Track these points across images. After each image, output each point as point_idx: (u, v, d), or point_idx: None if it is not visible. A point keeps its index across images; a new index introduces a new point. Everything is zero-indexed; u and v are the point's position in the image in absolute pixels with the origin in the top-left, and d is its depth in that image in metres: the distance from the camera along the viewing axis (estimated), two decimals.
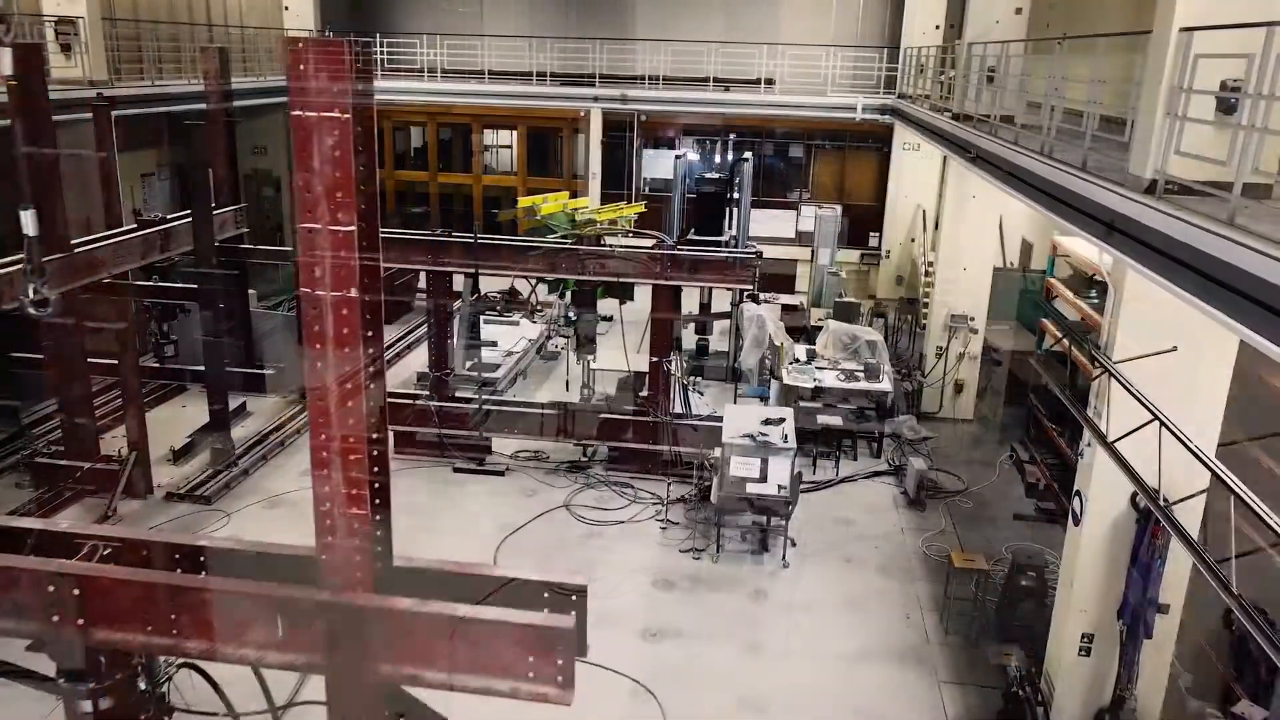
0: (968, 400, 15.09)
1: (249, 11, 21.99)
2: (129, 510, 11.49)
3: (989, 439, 14.68)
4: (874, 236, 22.63)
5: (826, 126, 22.42)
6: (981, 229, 14.43)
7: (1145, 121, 6.66)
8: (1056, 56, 9.08)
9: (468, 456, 12.88)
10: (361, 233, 4.37)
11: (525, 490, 12.31)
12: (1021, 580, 9.27)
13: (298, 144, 4.13)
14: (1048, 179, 8.33)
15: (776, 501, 10.56)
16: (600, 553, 10.91)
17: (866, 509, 12.23)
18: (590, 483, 12.54)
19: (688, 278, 11.99)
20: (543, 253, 12.12)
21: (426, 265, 12.33)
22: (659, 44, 22.94)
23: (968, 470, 13.52)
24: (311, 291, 4.28)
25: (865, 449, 13.99)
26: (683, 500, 12.07)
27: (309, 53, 4.12)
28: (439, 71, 23.29)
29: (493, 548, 10.87)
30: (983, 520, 12.08)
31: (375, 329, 4.63)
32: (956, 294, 14.65)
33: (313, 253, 4.24)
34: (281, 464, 12.92)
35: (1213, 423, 6.97)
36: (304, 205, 4.17)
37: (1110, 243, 6.78)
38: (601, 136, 22.72)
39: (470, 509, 11.81)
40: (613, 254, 11.88)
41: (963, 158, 12.37)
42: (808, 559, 10.92)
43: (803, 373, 13.66)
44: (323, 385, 4.40)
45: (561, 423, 12.69)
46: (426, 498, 12.05)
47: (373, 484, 4.81)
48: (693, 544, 11.06)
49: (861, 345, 14.25)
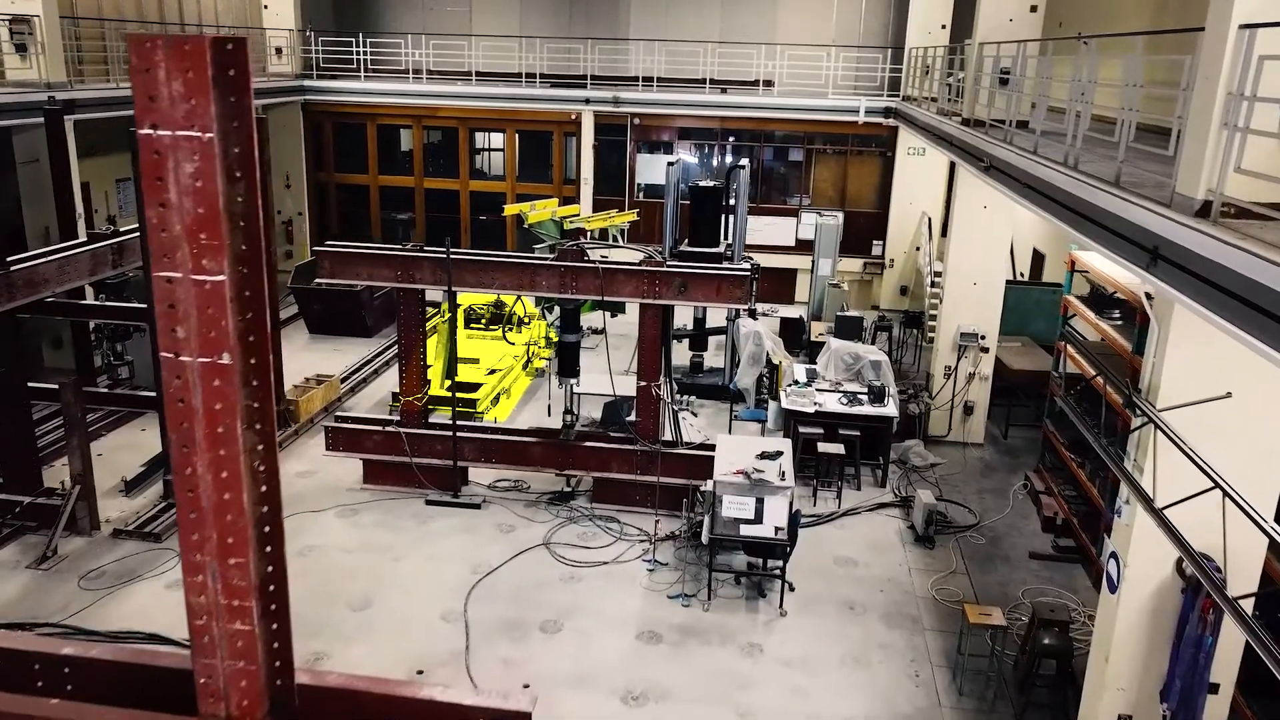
0: (978, 423, 14.18)
1: (225, 11, 21.10)
2: (71, 549, 10.60)
3: (1001, 465, 13.77)
4: (877, 245, 21.74)
5: (827, 130, 21.52)
6: (993, 241, 13.53)
7: (1196, 133, 5.76)
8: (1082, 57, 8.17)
9: (441, 488, 11.98)
10: (242, 282, 3.44)
11: (503, 526, 11.41)
12: (1044, 638, 8.37)
13: (145, 170, 3.21)
14: (1076, 195, 7.43)
15: (773, 545, 9.66)
16: (581, 598, 10.01)
17: (871, 546, 11.32)
18: (573, 517, 11.64)
19: (678, 296, 11.10)
20: (522, 268, 11.20)
21: (394, 283, 11.42)
22: (653, 44, 22.05)
23: (979, 500, 12.62)
24: (173, 357, 3.37)
25: (869, 475, 13.10)
26: (672, 537, 11.17)
27: (159, 54, 3.18)
28: (425, 72, 22.41)
29: (464, 593, 9.97)
30: (996, 559, 11.18)
31: (262, 397, 3.69)
32: (966, 310, 13.74)
33: (171, 309, 3.33)
34: None
35: (1272, 481, 6.07)
36: (158, 249, 3.26)
37: (1155, 273, 5.87)
38: (594, 140, 21.84)
39: (442, 548, 10.91)
40: (597, 271, 10.98)
41: (975, 167, 11.48)
42: (807, 605, 10.01)
43: (802, 395, 12.75)
44: (193, 474, 3.50)
45: (542, 452, 11.80)
46: (394, 535, 11.15)
47: (264, 588, 3.88)
48: (682, 588, 10.15)
49: (865, 366, 13.34)
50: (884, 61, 20.92)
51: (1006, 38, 12.26)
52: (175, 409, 3.41)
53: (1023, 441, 14.49)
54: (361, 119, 22.83)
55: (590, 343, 17.29)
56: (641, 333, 11.36)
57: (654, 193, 21.79)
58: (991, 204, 13.22)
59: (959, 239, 13.61)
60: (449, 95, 21.89)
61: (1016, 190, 9.50)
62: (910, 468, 13.36)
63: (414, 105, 22.22)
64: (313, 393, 14.37)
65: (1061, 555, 11.14)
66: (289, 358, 17.07)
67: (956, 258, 13.68)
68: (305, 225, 23.25)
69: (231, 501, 3.60)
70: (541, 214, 18.14)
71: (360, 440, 12.12)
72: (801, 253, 21.47)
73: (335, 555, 10.70)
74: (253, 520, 3.72)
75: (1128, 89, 7.09)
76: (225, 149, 3.33)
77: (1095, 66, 7.98)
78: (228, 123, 3.30)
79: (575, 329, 11.70)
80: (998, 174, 10.32)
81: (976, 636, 8.93)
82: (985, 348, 13.80)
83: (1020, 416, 14.80)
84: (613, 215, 18.62)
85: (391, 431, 11.99)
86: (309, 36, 22.44)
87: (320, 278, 11.65)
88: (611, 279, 11.05)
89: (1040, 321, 15.94)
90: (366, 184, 23.46)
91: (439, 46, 22.87)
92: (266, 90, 21.05)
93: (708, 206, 15.58)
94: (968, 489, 12.94)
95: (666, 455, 11.48)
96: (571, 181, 22.46)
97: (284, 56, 22.17)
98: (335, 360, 17.15)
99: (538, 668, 8.90)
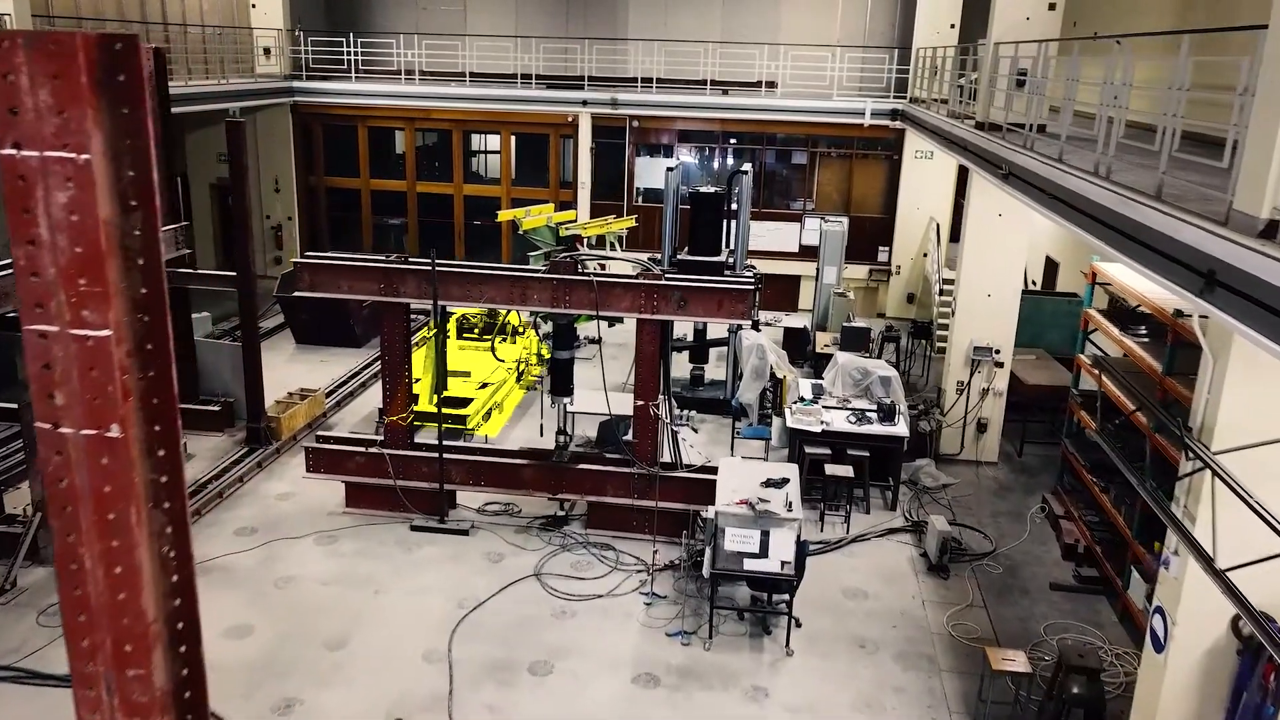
0: (992, 441, 13.54)
1: (210, 11, 20.45)
2: (32, 580, 9.96)
3: (1016, 485, 13.13)
4: (883, 251, 21.10)
5: (831, 132, 20.89)
6: (1008, 251, 12.88)
7: (1259, 145, 5.12)
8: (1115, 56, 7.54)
9: (426, 513, 11.34)
10: (142, 333, 2.79)
11: (491, 554, 10.77)
12: (1074, 685, 7.72)
13: (9, 200, 2.58)
14: (1113, 209, 6.79)
15: (779, 580, 9.02)
16: (574, 635, 9.37)
17: (882, 576, 10.68)
18: (566, 544, 11.00)
19: (678, 311, 10.46)
20: (512, 281, 10.57)
21: (377, 296, 10.79)
22: (653, 44, 21.41)
23: (994, 524, 11.98)
24: (50, 428, 2.73)
25: (878, 497, 12.47)
26: (671, 567, 10.53)
27: (20, 56, 2.54)
28: (417, 73, 21.78)
29: (448, 630, 9.32)
30: (1015, 590, 10.53)
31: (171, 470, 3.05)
32: (979, 323, 13.10)
33: (46, 370, 2.70)
34: (215, 520, 11.38)
35: None
36: (28, 296, 2.62)
37: (1210, 299, 5.24)
38: (591, 143, 21.21)
39: (425, 578, 10.27)
40: (592, 284, 10.34)
41: (991, 174, 10.84)
42: (815, 643, 9.37)
43: (809, 414, 12.11)
44: (79, 569, 2.86)
45: (534, 475, 11.16)
46: (376, 564, 10.51)
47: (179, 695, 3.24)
48: (681, 624, 9.51)
49: (874, 381, 12.70)
50: (890, 62, 20.27)
51: (1023, 37, 11.64)
52: (56, 491, 2.77)
53: (1038, 460, 13.85)
54: (352, 121, 22.20)
55: (586, 353, 16.66)
56: (639, 349, 10.72)
57: (653, 197, 21.16)
58: (1007, 212, 12.59)
59: (972, 248, 12.97)
60: (442, 97, 21.27)
61: (1040, 201, 8.86)
62: (921, 489, 12.72)
63: (406, 107, 21.60)
64: (296, 409, 13.73)
65: (1084, 586, 10.50)
66: (274, 369, 16.44)
67: (969, 268, 13.04)
68: (295, 230, 22.63)
69: (128, 602, 2.97)
70: (536, 220, 17.53)
71: (342, 462, 11.48)
72: (805, 259, 20.83)
73: (312, 588, 10.06)
74: (161, 618, 3.11)
75: (1170, 92, 6.45)
76: (116, 172, 2.68)
77: (1130, 68, 7.35)
78: (118, 140, 2.65)
79: (569, 345, 11.06)
80: (1018, 182, 9.69)
81: (999, 681, 8.29)
82: (1000, 362, 13.16)
83: (1035, 432, 14.17)
84: (610, 221, 18.00)
85: (374, 453, 11.35)
86: (298, 36, 21.81)
87: (299, 290, 11.02)
88: (607, 293, 10.41)
89: (1055, 333, 15.32)
90: (358, 188, 22.81)
91: (432, 46, 22.24)
92: (254, 92, 20.42)
93: (708, 213, 14.93)
94: (982, 512, 12.30)
95: (665, 479, 10.84)
96: (568, 185, 21.83)
97: (272, 57, 21.54)
98: (322, 372, 16.52)
99: (525, 714, 8.27)
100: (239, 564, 10.45)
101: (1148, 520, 9.43)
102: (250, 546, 10.78)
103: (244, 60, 21.05)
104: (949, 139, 13.89)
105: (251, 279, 12.85)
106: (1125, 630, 9.76)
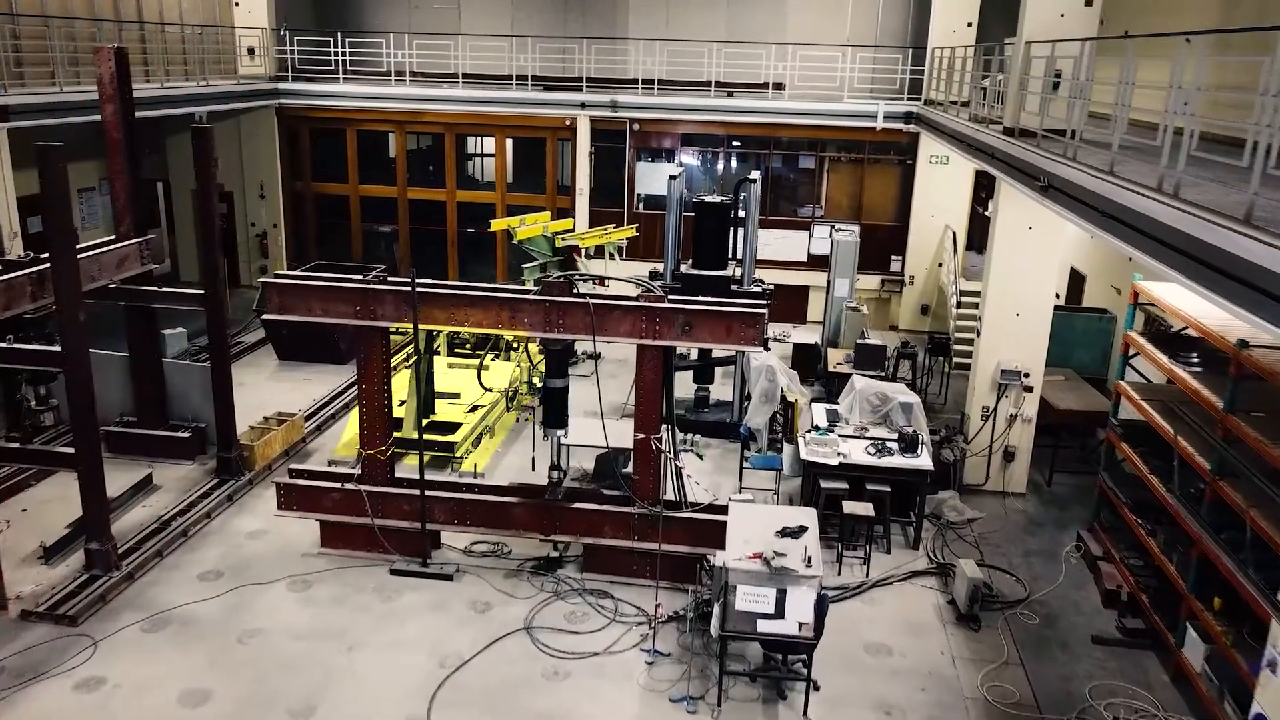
0: (1020, 471, 12.58)
1: (190, 9, 19.52)
2: None
3: (1047, 520, 12.17)
4: (895, 260, 20.15)
5: (842, 136, 19.93)
6: (1039, 267, 11.91)
7: None
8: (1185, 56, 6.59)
9: (408, 554, 10.40)
10: None
11: (477, 603, 9.81)
12: None
13: None
14: (1188, 233, 5.84)
15: (797, 642, 8.08)
16: (567, 700, 8.41)
17: (906, 627, 9.72)
18: (560, 591, 10.04)
19: (682, 337, 9.51)
20: (500, 304, 9.63)
21: (353, 319, 9.84)
22: (654, 44, 20.47)
23: (1026, 565, 11.02)
24: None
25: (897, 531, 11.53)
26: (675, 618, 9.58)
27: None
28: (408, 74, 20.84)
29: (427, 695, 8.37)
30: (1053, 643, 9.57)
31: None
32: (1007, 344, 12.14)
33: None
34: (178, 563, 10.43)
35: None
36: None
37: None
38: (590, 147, 20.27)
39: (405, 632, 9.31)
40: (587, 306, 9.40)
41: (1026, 185, 9.89)
42: (835, 709, 8.42)
43: (824, 444, 11.15)
44: None
45: (525, 514, 10.22)
46: (351, 615, 9.55)
47: None
48: (687, 687, 8.56)
49: (894, 408, 11.75)
50: (904, 63, 19.33)
51: (1057, 35, 10.69)
52: None
53: (1069, 490, 12.90)
54: (341, 124, 21.25)
55: (582, 370, 15.74)
56: (640, 377, 9.77)
57: (654, 203, 20.23)
58: (1038, 225, 11.64)
59: (1000, 264, 12.00)
60: (435, 99, 20.35)
61: (1089, 218, 7.91)
62: (945, 524, 11.78)
63: (397, 110, 20.66)
64: (271, 435, 12.79)
65: (1130, 640, 9.54)
66: (253, 389, 15.55)
67: (997, 285, 12.08)
68: (281, 238, 21.69)
69: None
70: (532, 229, 16.54)
71: (316, 499, 10.53)
72: (813, 268, 19.91)
73: (281, 642, 9.11)
74: None
75: (1261, 99, 5.51)
76: None
77: (1205, 69, 6.40)
78: None
79: (563, 373, 10.10)
80: (1060, 196, 8.74)
81: None
82: (1029, 387, 12.20)
83: (1064, 458, 13.21)
84: (609, 231, 17.04)
85: (350, 489, 10.40)
86: (283, 35, 20.87)
87: (267, 314, 10.08)
88: (604, 316, 9.47)
89: (1084, 352, 14.39)
90: (347, 194, 21.87)
91: (424, 46, 21.31)
92: (237, 94, 19.50)
93: (714, 224, 14.00)
94: (1012, 551, 11.34)
95: (669, 519, 9.89)
96: (566, 191, 20.89)
97: (256, 57, 20.61)
98: (303, 391, 15.59)
99: None
100: (201, 615, 9.50)
101: (1205, 567, 8.49)
102: (215, 594, 9.83)
103: (226, 61, 20.12)
104: (973, 145, 12.94)
105: (221, 297, 11.91)
106: (1179, 693, 8.79)
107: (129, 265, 11.94)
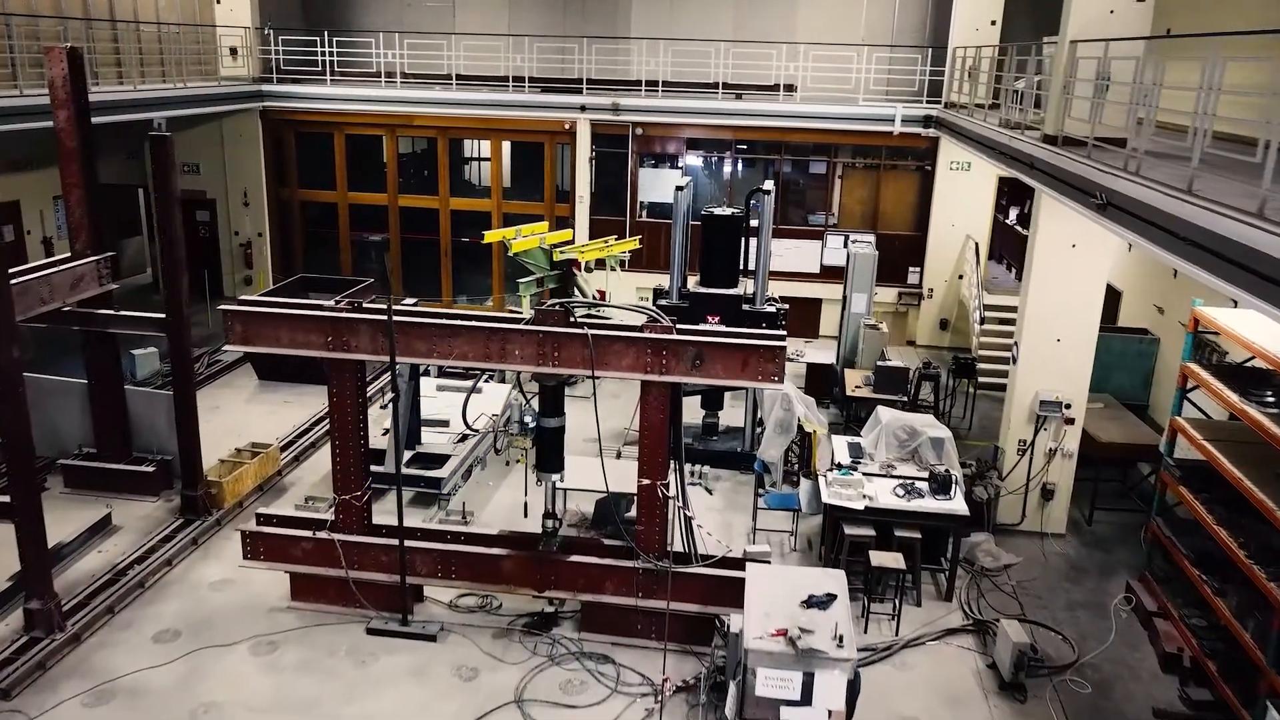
0: (1059, 510, 11.52)
1: (167, 7, 18.47)
2: None
3: (1091, 565, 11.11)
4: (913, 272, 19.08)
5: (857, 140, 18.87)
6: (1082, 288, 10.86)
7: None
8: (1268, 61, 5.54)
9: (386, 610, 9.35)
10: None
11: (463, 669, 8.76)
12: None
13: None
14: None
15: None
16: None
17: (944, 697, 8.66)
18: (555, 655, 8.99)
19: (692, 372, 8.46)
20: (488, 335, 8.58)
21: (324, 351, 8.80)
22: (658, 44, 19.41)
23: (1072, 621, 9.96)
24: None
25: (928, 579, 10.48)
26: (685, 688, 8.53)
27: None
28: (399, 76, 19.79)
29: None
30: (1111, 717, 8.51)
31: None
32: (1047, 372, 11.09)
33: None
34: (132, 619, 9.38)
35: None
36: None
37: None
38: (591, 152, 19.22)
39: (381, 704, 8.26)
40: (586, 338, 8.35)
41: (1077, 201, 8.83)
42: None
43: (848, 486, 10.10)
44: None
45: (517, 568, 9.17)
46: (320, 684, 8.50)
47: None
48: None
49: (923, 444, 10.70)
50: (922, 63, 18.27)
51: (1106, 33, 9.63)
52: None
53: (1112, 529, 11.84)
54: (328, 128, 20.19)
55: (581, 391, 14.69)
56: (644, 417, 8.72)
57: (658, 212, 19.18)
58: (1083, 243, 10.58)
59: (1039, 285, 10.94)
60: (427, 101, 19.30)
61: (1163, 243, 6.85)
62: (979, 570, 10.73)
63: (387, 113, 19.60)
64: (243, 470, 11.74)
65: (1198, 715, 8.48)
66: (229, 413, 14.54)
67: (1035, 308, 11.02)
68: (266, 247, 20.65)
69: None
70: (528, 241, 15.47)
71: (285, 548, 9.49)
72: (827, 280, 18.86)
73: (239, 717, 8.07)
74: None
75: None
76: None
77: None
78: None
79: (558, 411, 9.05)
80: (1123, 216, 7.68)
81: None
82: (1071, 419, 11.14)
83: (1105, 493, 12.15)
84: (611, 242, 15.96)
85: (323, 538, 9.35)
86: (268, 35, 19.83)
87: (230, 344, 9.04)
88: (605, 349, 8.42)
89: (1123, 376, 13.33)
90: (335, 201, 20.81)
91: (416, 46, 20.24)
92: (219, 96, 18.48)
93: (724, 239, 12.95)
94: (1055, 603, 10.28)
95: (677, 575, 8.84)
96: (565, 198, 19.83)
97: (239, 58, 19.57)
98: (283, 415, 14.56)
99: None
100: (153, 684, 8.44)
101: None
102: (169, 659, 8.78)
103: (207, 61, 19.09)
104: (1005, 153, 11.89)
105: (183, 323, 10.85)
106: None
107: (85, 286, 10.89)
